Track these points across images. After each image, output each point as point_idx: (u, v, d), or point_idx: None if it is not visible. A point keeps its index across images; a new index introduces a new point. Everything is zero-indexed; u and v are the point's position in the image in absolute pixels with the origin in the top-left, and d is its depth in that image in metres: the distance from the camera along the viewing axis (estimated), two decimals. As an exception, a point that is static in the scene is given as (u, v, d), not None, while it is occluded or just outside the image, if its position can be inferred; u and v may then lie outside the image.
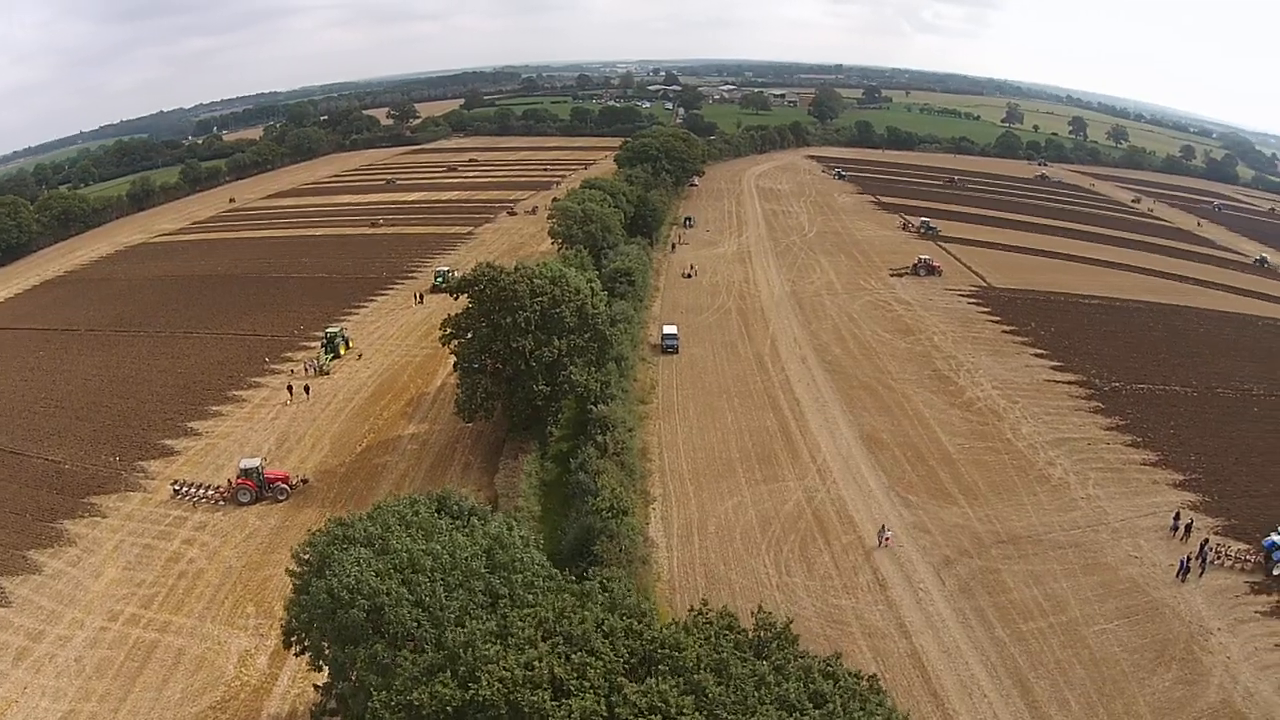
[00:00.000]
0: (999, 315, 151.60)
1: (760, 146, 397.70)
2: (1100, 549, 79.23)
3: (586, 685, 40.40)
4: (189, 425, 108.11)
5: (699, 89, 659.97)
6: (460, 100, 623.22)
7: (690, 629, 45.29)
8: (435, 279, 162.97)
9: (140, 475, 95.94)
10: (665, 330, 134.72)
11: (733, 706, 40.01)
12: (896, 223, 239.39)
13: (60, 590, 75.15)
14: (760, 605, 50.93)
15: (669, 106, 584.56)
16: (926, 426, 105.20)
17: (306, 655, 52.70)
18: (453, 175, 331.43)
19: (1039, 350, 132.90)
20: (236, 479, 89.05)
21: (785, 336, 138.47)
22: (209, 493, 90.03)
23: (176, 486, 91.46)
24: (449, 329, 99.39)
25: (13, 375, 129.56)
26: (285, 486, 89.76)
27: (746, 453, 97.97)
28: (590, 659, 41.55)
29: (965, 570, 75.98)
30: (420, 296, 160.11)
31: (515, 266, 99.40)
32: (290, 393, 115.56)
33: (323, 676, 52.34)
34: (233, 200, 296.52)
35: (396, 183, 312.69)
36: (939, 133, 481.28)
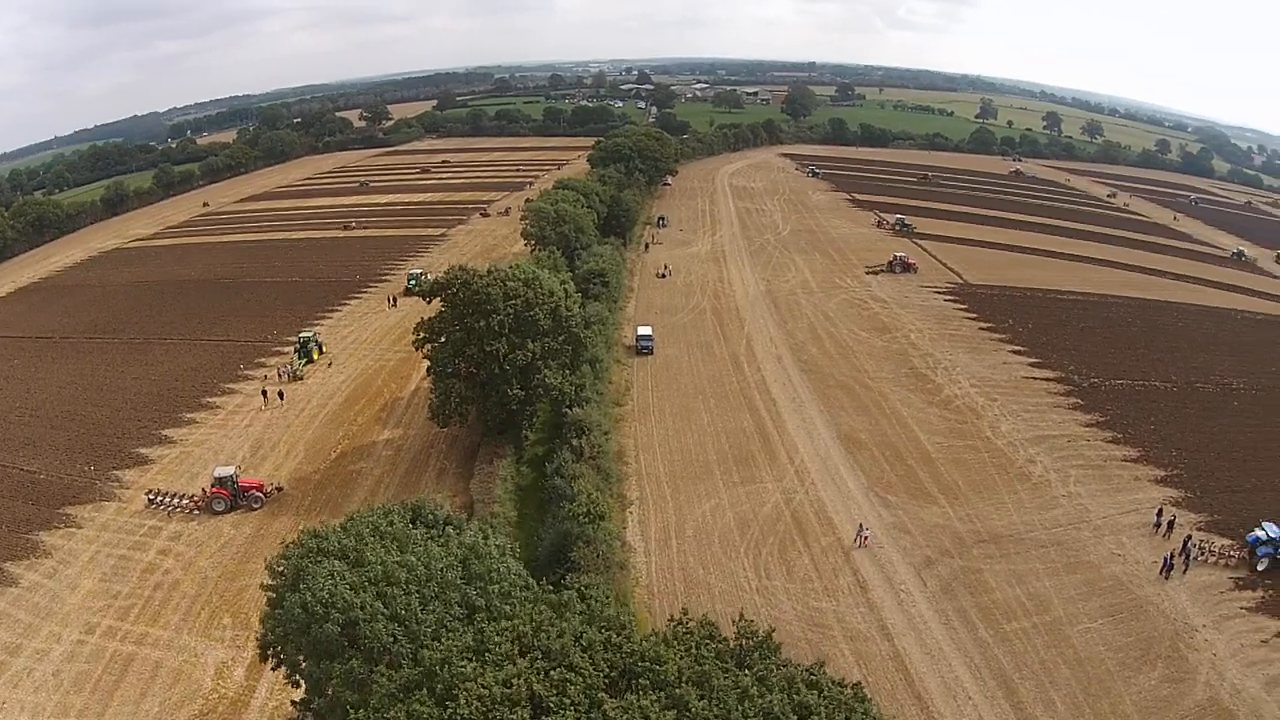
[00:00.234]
0: (976, 312, 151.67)
1: (733, 145, 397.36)
2: (1083, 547, 78.98)
3: (566, 702, 39.56)
4: (163, 433, 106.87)
5: (672, 88, 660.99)
6: (433, 101, 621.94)
7: (670, 641, 44.55)
8: (409, 282, 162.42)
9: (115, 485, 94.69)
10: (640, 331, 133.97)
11: (716, 721, 39.35)
12: (871, 220, 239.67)
13: (37, 603, 74.08)
14: (741, 613, 50.16)
15: (642, 106, 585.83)
16: (905, 425, 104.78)
17: (283, 669, 51.73)
18: (426, 177, 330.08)
19: (1017, 347, 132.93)
20: (211, 488, 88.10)
21: (761, 336, 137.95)
22: (184, 502, 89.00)
23: (151, 496, 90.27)
24: (422, 333, 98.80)
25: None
26: (260, 495, 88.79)
27: (723, 454, 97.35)
28: (570, 675, 40.73)
29: (947, 570, 75.52)
30: (394, 300, 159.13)
31: (488, 269, 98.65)
32: (265, 398, 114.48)
33: (300, 692, 51.40)
34: (206, 204, 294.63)
35: (370, 185, 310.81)
36: (913, 129, 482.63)
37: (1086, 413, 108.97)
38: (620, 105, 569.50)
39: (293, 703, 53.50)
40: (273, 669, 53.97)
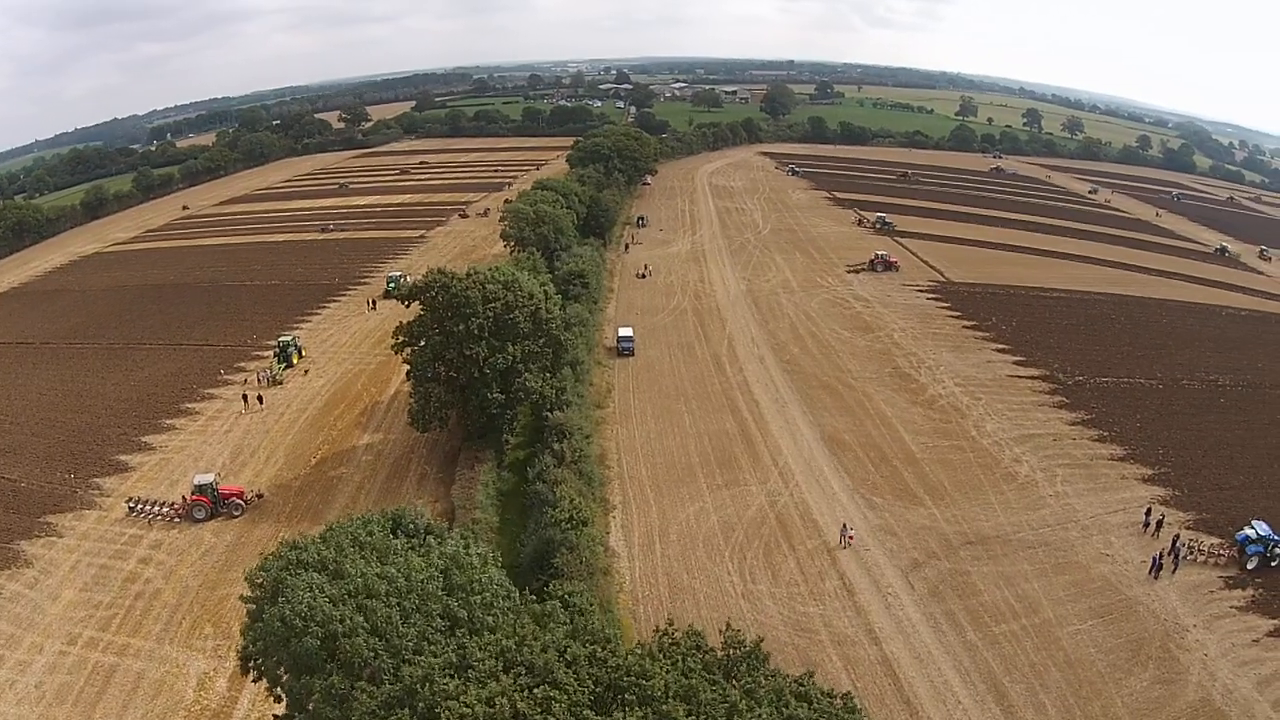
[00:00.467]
0: (959, 310, 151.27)
1: (713, 144, 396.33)
2: (1071, 547, 78.59)
3: (551, 720, 38.76)
4: (143, 440, 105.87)
5: (650, 87, 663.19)
6: (412, 102, 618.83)
7: (656, 654, 43.75)
8: (388, 284, 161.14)
9: (95, 493, 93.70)
10: (621, 332, 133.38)
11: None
12: (852, 218, 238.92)
13: (18, 614, 73.30)
14: (728, 623, 49.50)
15: (621, 105, 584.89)
16: (889, 426, 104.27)
17: (264, 682, 50.93)
18: (405, 178, 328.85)
19: (1000, 345, 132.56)
20: (191, 495, 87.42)
21: (742, 337, 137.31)
22: (164, 510, 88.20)
23: (132, 504, 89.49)
24: (401, 337, 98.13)
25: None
26: (240, 502, 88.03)
27: (706, 457, 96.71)
28: (554, 692, 39.92)
29: (934, 573, 75.02)
30: (373, 303, 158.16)
31: (467, 272, 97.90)
32: (245, 402, 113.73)
33: (281, 707, 50.70)
34: (186, 207, 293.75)
35: (349, 186, 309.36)
36: (893, 127, 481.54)
37: (1072, 411, 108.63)
38: (599, 105, 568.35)
39: (275, 717, 52.77)
40: (253, 681, 53.26)
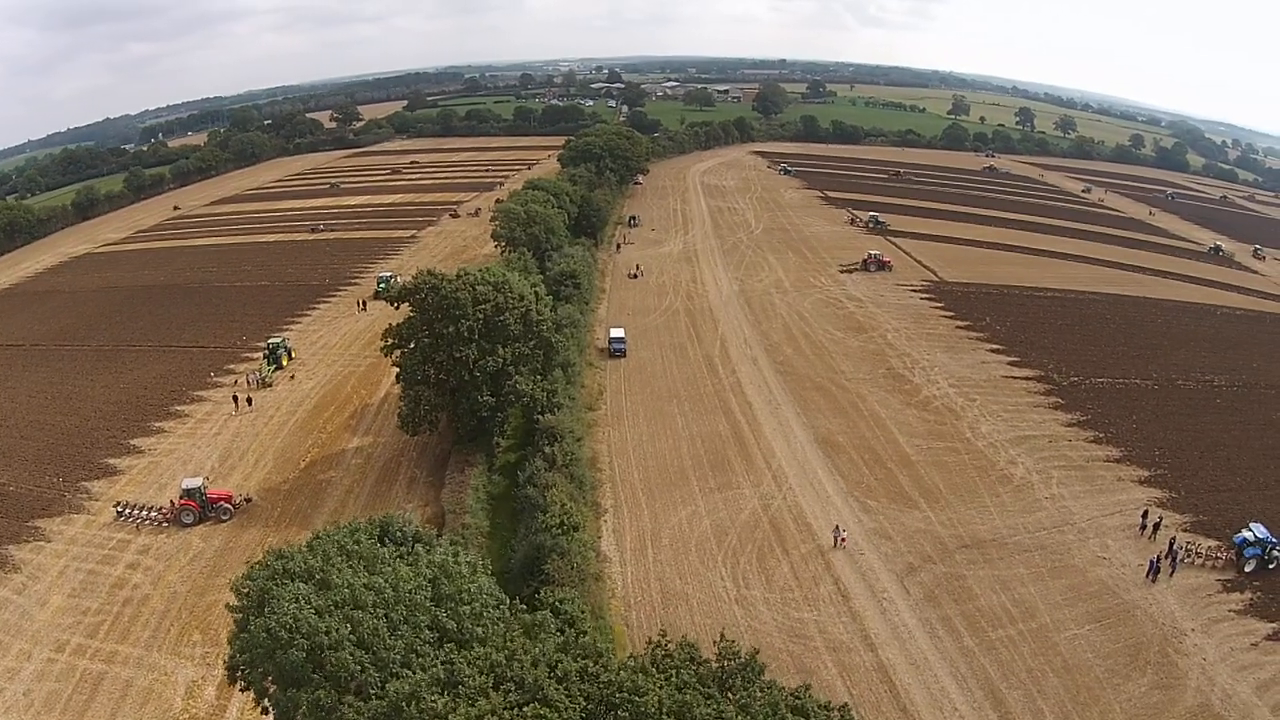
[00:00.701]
0: (952, 310, 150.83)
1: (705, 143, 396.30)
2: (1067, 550, 78.04)
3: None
4: (132, 443, 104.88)
5: (642, 86, 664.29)
6: (403, 102, 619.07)
7: (649, 668, 42.90)
8: (378, 285, 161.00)
9: (84, 496, 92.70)
10: (612, 333, 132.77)
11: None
12: (844, 218, 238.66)
13: (7, 620, 72.31)
14: (722, 633, 48.77)
15: (612, 104, 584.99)
16: (883, 427, 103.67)
17: (252, 692, 50.16)
18: (396, 178, 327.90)
19: (995, 345, 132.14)
20: (179, 500, 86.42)
21: (735, 337, 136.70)
22: (152, 514, 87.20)
23: (120, 508, 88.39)
24: (391, 339, 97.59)
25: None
26: (229, 506, 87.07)
27: (699, 459, 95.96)
28: (545, 710, 39.09)
29: (929, 577, 74.35)
30: (363, 304, 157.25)
31: (457, 273, 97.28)
32: (236, 403, 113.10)
33: (270, 717, 49.89)
34: (177, 208, 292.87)
35: (340, 186, 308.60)
36: (885, 126, 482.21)
37: (1067, 412, 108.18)
38: (591, 104, 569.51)
39: (262, 729, 51.86)
40: (241, 690, 52.44)
